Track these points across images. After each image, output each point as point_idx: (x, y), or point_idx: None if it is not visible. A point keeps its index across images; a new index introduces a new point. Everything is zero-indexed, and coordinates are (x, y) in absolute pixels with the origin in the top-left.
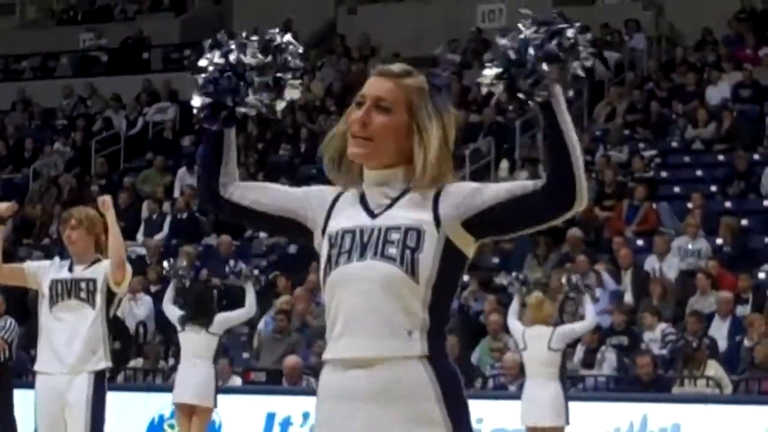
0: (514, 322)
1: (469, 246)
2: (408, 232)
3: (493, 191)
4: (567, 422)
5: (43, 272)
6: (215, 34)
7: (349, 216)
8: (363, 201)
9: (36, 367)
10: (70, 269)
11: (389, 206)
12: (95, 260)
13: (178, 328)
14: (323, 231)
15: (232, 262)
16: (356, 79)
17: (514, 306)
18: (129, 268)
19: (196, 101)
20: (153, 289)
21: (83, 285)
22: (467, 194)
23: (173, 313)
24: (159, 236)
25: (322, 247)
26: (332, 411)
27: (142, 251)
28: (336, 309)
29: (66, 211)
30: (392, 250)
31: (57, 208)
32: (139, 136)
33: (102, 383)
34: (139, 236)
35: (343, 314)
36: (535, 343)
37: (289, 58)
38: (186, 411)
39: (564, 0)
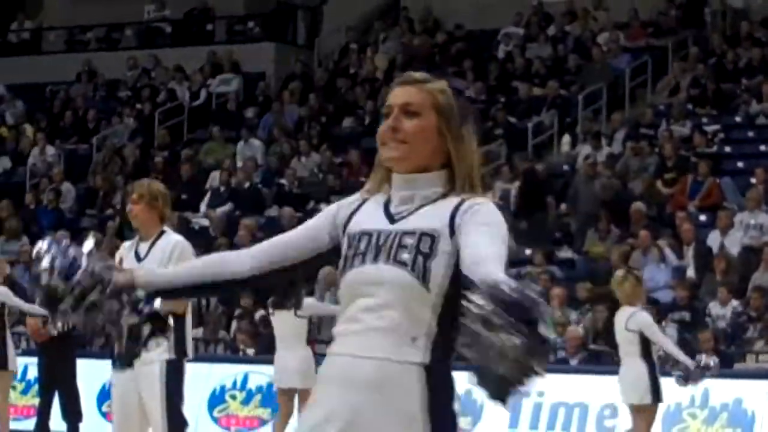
0: None
1: None
2: (422, 238)
3: (467, 245)
4: (655, 401)
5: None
6: (278, 4)
7: (370, 219)
8: (387, 206)
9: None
10: (138, 256)
11: (411, 213)
12: (160, 233)
13: (270, 311)
14: (344, 231)
15: None
16: (419, 51)
17: None
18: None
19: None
20: None
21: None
22: (467, 226)
23: None
24: (222, 209)
25: (342, 246)
26: (326, 394)
27: (205, 222)
28: (347, 308)
29: (131, 183)
30: (405, 255)
31: (120, 179)
32: (203, 107)
33: (177, 354)
34: (203, 207)
35: (352, 315)
36: (617, 321)
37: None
38: (288, 394)
39: None
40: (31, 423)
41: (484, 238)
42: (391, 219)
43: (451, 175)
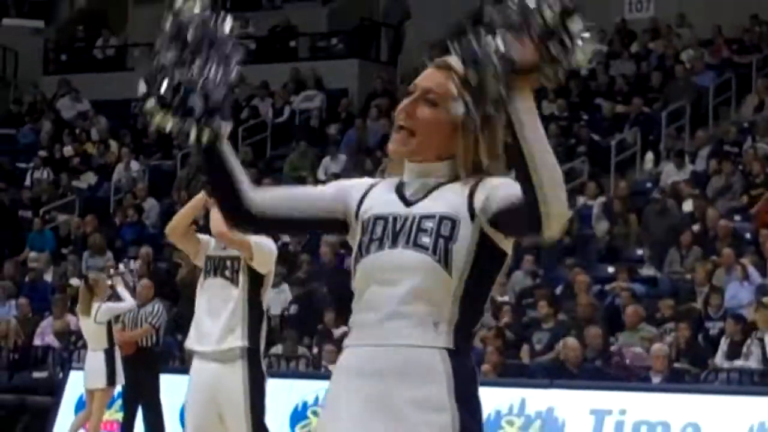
0: None
1: (503, 241)
2: (442, 221)
3: (504, 193)
4: None
5: (205, 246)
6: (361, 21)
7: (383, 203)
8: (399, 189)
9: (186, 343)
10: (223, 246)
11: (426, 195)
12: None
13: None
14: (356, 216)
15: None
16: None
17: None
18: (261, 247)
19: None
20: (300, 276)
21: (228, 263)
22: (489, 193)
23: None
24: None
25: (356, 233)
26: (338, 387)
27: (287, 239)
28: (364, 296)
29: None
30: (425, 239)
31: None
32: (286, 123)
33: (255, 367)
34: None
35: (371, 302)
36: None
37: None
38: None
39: None
40: None
41: (501, 191)
42: (407, 202)
43: (463, 168)
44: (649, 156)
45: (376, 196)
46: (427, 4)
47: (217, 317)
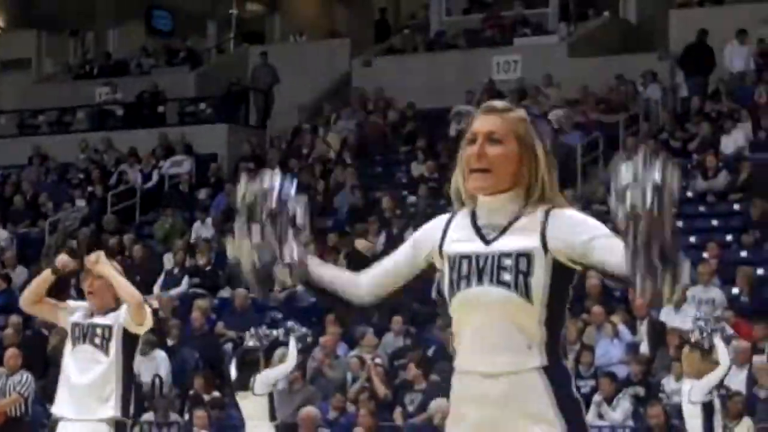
0: None
1: (576, 264)
2: (519, 258)
3: (600, 255)
4: None
5: (71, 313)
6: (230, 86)
7: (464, 240)
8: (476, 225)
9: (52, 409)
10: (91, 314)
11: (501, 233)
12: (115, 308)
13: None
14: (440, 252)
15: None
16: (372, 131)
17: None
18: (148, 309)
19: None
20: (170, 343)
21: (99, 331)
22: (570, 237)
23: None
24: (176, 290)
25: (444, 270)
26: (461, 412)
27: (157, 305)
28: (462, 327)
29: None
30: (507, 276)
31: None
32: (155, 189)
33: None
34: (156, 289)
35: (468, 332)
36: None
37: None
38: None
39: (579, 53)
40: None
41: (589, 236)
42: (485, 240)
43: (531, 192)
44: None
45: (456, 234)
46: (295, 69)
47: (86, 385)
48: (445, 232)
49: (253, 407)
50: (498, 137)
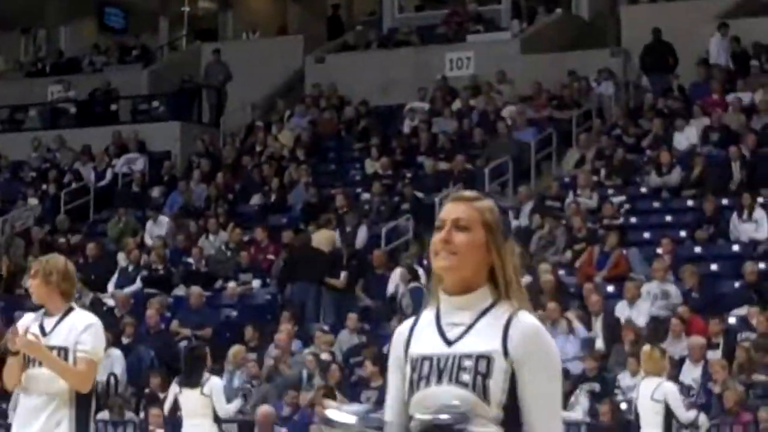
0: None
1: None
2: (479, 360)
3: (525, 392)
4: None
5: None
6: (183, 83)
7: (427, 341)
8: (439, 326)
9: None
10: (43, 330)
11: (464, 333)
12: (67, 311)
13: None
14: (405, 355)
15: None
16: (326, 128)
17: None
18: (89, 372)
19: None
20: (125, 341)
21: (54, 353)
22: (523, 366)
23: None
24: (130, 288)
25: (406, 372)
26: None
27: (112, 303)
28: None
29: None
30: (466, 377)
31: (30, 260)
32: (108, 187)
33: None
34: (110, 287)
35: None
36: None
37: None
38: None
39: (530, 49)
40: None
41: (540, 403)
42: (447, 341)
43: (494, 286)
44: None
45: (420, 336)
46: (248, 66)
47: (40, 409)
48: (409, 337)
49: (195, 404)
50: (465, 224)
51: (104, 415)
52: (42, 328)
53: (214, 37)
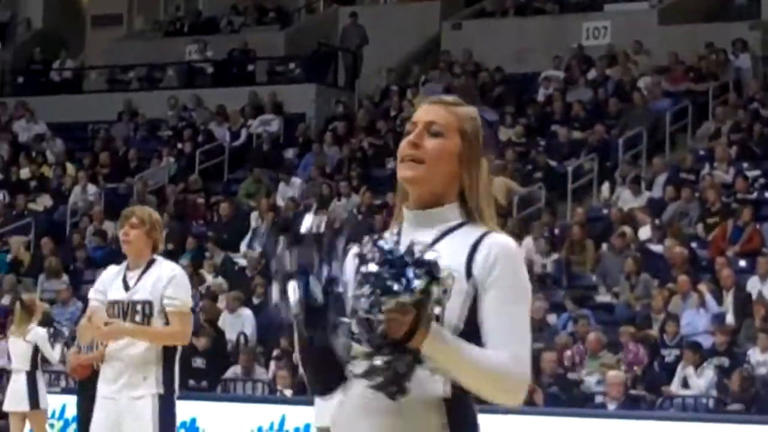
0: None
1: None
2: None
3: (488, 312)
4: None
5: (102, 298)
6: (319, 46)
7: None
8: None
9: (98, 387)
10: (126, 285)
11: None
12: (150, 262)
13: None
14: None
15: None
16: (460, 93)
17: None
18: (185, 326)
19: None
20: (255, 301)
21: (139, 308)
22: (488, 285)
23: None
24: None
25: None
26: (350, 422)
27: (244, 263)
28: None
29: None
30: None
31: (165, 218)
32: (243, 147)
33: (167, 408)
34: (243, 247)
35: None
36: None
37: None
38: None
39: (668, 20)
40: None
41: (505, 326)
42: None
43: (464, 204)
44: (605, 186)
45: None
46: (385, 30)
47: (126, 364)
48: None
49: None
50: (438, 129)
51: (236, 370)
52: (125, 282)
53: (351, 0)
